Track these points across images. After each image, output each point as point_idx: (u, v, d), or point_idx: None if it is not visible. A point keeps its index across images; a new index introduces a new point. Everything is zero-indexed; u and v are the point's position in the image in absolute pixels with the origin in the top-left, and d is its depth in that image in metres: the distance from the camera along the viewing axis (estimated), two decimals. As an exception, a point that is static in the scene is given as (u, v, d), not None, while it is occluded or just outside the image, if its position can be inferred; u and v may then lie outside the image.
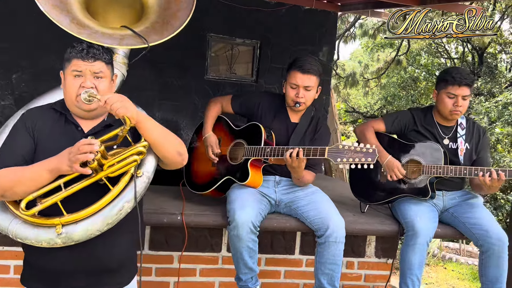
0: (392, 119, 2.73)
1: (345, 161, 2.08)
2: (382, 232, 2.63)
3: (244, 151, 2.43)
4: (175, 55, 4.85)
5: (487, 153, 2.70)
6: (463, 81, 2.51)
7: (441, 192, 2.68)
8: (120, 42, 1.92)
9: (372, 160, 2.04)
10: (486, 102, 11.89)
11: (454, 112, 2.56)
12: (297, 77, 2.40)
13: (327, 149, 2.15)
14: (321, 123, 2.59)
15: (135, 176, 1.63)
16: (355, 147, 2.08)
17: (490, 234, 2.45)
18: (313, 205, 2.43)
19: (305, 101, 2.44)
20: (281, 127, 2.53)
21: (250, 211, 2.26)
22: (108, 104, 1.56)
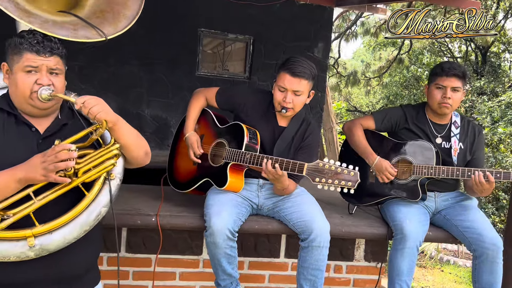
0: (382, 116, 2.59)
1: (323, 181, 1.91)
2: (370, 235, 2.50)
3: (225, 153, 2.28)
4: (165, 50, 4.74)
5: (482, 153, 2.56)
6: (452, 71, 2.37)
7: (433, 194, 2.54)
8: (75, 34, 1.71)
9: (352, 185, 1.88)
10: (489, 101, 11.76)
11: (443, 105, 2.41)
12: (286, 79, 2.19)
13: (306, 166, 1.98)
14: (312, 129, 2.38)
15: (109, 179, 1.58)
16: (336, 168, 1.90)
17: (484, 238, 2.32)
18: (297, 207, 2.30)
19: (293, 106, 2.23)
20: (268, 130, 2.34)
21: (227, 217, 2.13)
22: (86, 108, 1.48)
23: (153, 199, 2.58)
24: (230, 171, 2.24)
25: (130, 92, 4.64)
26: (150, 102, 4.80)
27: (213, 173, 2.31)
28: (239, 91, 2.47)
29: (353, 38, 15.63)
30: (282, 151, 2.33)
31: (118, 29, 1.80)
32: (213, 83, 5.03)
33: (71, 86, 4.36)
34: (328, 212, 2.68)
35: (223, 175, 2.24)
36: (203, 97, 2.48)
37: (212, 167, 2.33)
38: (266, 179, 2.33)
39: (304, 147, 2.35)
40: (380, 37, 16.43)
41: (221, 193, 2.26)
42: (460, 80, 2.40)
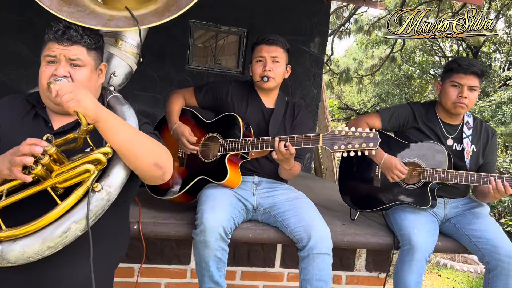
0: (390, 114, 2.38)
1: (343, 147, 1.80)
2: (375, 245, 2.28)
3: (220, 145, 2.09)
4: (153, 42, 4.44)
5: (495, 157, 2.36)
6: (470, 69, 2.18)
7: (443, 200, 2.34)
8: (106, 23, 1.63)
9: (374, 145, 1.77)
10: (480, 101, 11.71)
11: (458, 104, 2.22)
12: (263, 49, 2.18)
13: (321, 136, 1.86)
14: (299, 105, 2.33)
15: (91, 189, 1.32)
16: (354, 132, 1.80)
17: (499, 250, 2.12)
18: (294, 211, 2.08)
19: (274, 75, 2.17)
20: (257, 114, 2.24)
21: (222, 214, 1.92)
22: (59, 96, 1.27)
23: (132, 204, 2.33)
24: (229, 163, 2.06)
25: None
26: (136, 96, 4.53)
27: (208, 168, 2.11)
28: (218, 82, 2.38)
29: (346, 35, 15.48)
30: (277, 131, 2.21)
31: (162, 18, 1.68)
32: (204, 77, 4.79)
33: None
34: (328, 218, 2.46)
35: (221, 168, 2.05)
36: (181, 96, 2.32)
37: (206, 163, 2.14)
38: (262, 176, 2.20)
39: (299, 124, 2.28)
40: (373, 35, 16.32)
41: (216, 189, 2.07)
42: (478, 78, 2.21)
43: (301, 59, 5.15)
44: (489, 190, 2.08)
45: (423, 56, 15.42)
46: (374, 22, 15.41)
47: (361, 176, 2.41)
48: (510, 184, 2.05)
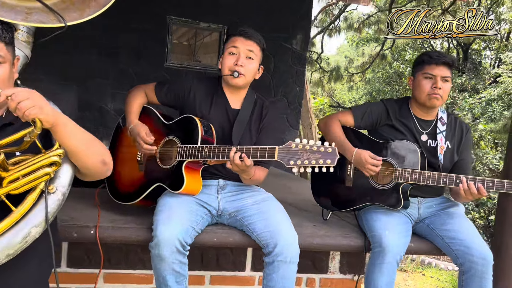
0: (362, 112, 2.30)
1: (299, 163, 1.65)
2: (346, 247, 2.21)
3: (177, 151, 1.97)
4: (130, 39, 4.38)
5: (470, 154, 2.30)
6: (441, 59, 2.13)
7: (416, 199, 2.27)
8: (26, 17, 1.52)
9: (332, 162, 1.63)
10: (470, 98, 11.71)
11: (433, 96, 2.15)
12: (238, 41, 2.02)
13: (277, 150, 1.71)
14: (267, 107, 2.15)
15: (47, 192, 1.31)
16: (311, 146, 1.65)
17: (472, 252, 2.05)
18: (261, 215, 1.99)
19: (245, 72, 2.02)
20: (221, 115, 2.08)
21: (177, 226, 1.81)
22: (14, 102, 1.20)
23: (91, 207, 2.23)
24: (186, 171, 1.93)
25: (91, 84, 4.27)
26: (114, 95, 4.43)
27: (165, 176, 1.99)
28: (182, 80, 2.25)
29: (336, 33, 15.42)
30: (242, 135, 2.07)
31: (83, 15, 1.57)
32: (183, 75, 4.70)
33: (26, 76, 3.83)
34: (299, 219, 2.40)
35: (178, 176, 1.93)
36: (142, 92, 2.17)
37: (163, 169, 2.01)
38: (227, 179, 2.08)
39: (265, 128, 2.12)
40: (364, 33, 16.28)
41: (174, 197, 1.95)
42: (450, 69, 2.15)
43: (284, 56, 5.07)
44: (461, 192, 2.01)
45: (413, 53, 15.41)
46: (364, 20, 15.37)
47: (333, 176, 2.30)
48: (483, 185, 1.98)
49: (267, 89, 5.03)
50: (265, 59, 5.10)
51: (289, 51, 5.07)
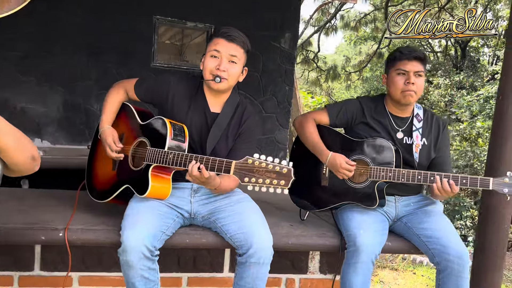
0: (337, 110, 2.28)
1: (253, 181, 1.60)
2: (322, 247, 2.18)
3: (146, 154, 1.92)
4: (115, 39, 4.36)
5: (447, 151, 2.26)
6: (413, 54, 2.10)
7: (393, 198, 2.24)
8: None
9: (285, 184, 1.58)
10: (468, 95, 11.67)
11: (407, 93, 2.12)
12: (221, 44, 1.95)
13: (233, 165, 1.66)
14: (249, 112, 2.09)
15: None
16: (267, 164, 1.60)
17: (448, 250, 2.02)
18: (235, 217, 1.96)
19: (227, 76, 1.95)
20: (199, 118, 2.02)
21: (144, 232, 1.78)
22: None
23: (64, 209, 2.21)
24: (153, 175, 1.89)
25: (77, 85, 4.25)
26: (99, 95, 4.40)
27: (133, 178, 1.96)
28: (161, 78, 2.09)
29: (333, 32, 15.39)
30: (218, 140, 2.02)
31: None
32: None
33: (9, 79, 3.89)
34: (276, 219, 2.38)
35: (144, 180, 1.89)
36: (122, 89, 2.12)
37: (133, 171, 1.98)
38: None
39: (243, 134, 2.06)
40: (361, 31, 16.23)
41: (143, 201, 1.92)
42: (422, 63, 2.13)
43: (272, 55, 5.04)
44: (435, 189, 1.98)
45: (411, 51, 15.37)
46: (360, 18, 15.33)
47: (309, 175, 2.30)
48: (456, 183, 1.95)
49: (256, 88, 5.00)
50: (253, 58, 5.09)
51: (278, 50, 5.04)
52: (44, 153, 3.93)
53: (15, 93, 4.09)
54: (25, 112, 4.13)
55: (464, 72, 12.94)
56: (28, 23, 4.06)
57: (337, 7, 14.11)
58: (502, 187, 1.89)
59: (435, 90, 13.45)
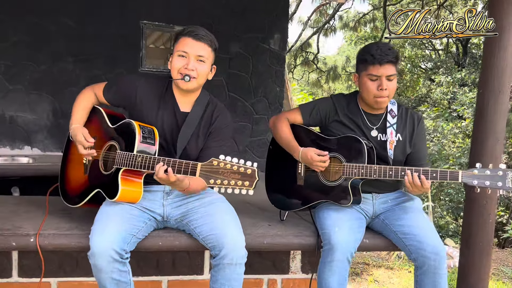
0: (310, 109, 2.26)
1: (219, 183, 1.60)
2: (297, 246, 2.16)
3: (116, 158, 1.92)
4: (103, 45, 4.37)
5: (423, 145, 2.24)
6: (385, 59, 2.06)
7: (371, 195, 2.22)
8: None
9: (250, 184, 1.58)
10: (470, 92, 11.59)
11: (380, 99, 2.10)
12: (188, 43, 1.93)
13: (199, 167, 1.66)
14: (220, 110, 2.08)
15: None
16: (232, 165, 1.60)
17: (424, 246, 2.00)
18: (207, 218, 1.95)
19: (196, 75, 1.94)
20: (170, 118, 2.02)
21: (112, 236, 1.78)
22: None
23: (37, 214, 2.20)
24: (123, 179, 1.89)
25: (66, 92, 4.26)
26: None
27: (104, 182, 1.96)
28: (129, 80, 2.08)
29: (332, 32, 15.38)
30: (189, 140, 2.01)
31: None
32: (159, 80, 4.68)
33: None
34: (256, 220, 2.37)
35: (114, 184, 1.89)
36: (91, 93, 2.12)
37: (103, 175, 1.98)
38: None
39: (215, 132, 2.05)
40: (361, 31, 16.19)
41: (113, 205, 1.92)
42: (395, 65, 2.10)
43: (262, 56, 5.03)
44: (406, 184, 1.96)
45: (412, 50, 15.31)
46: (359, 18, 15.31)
47: (286, 175, 2.29)
48: (426, 176, 1.93)
49: (247, 90, 5.00)
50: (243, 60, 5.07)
51: (267, 51, 5.03)
52: (34, 161, 3.94)
53: (3, 102, 4.11)
54: (14, 120, 4.15)
55: (466, 69, 12.86)
56: (14, 32, 4.09)
57: (335, 8, 14.10)
58: (472, 179, 1.87)
59: (437, 88, 13.37)
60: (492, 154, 2.66)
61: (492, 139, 2.65)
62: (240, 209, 2.57)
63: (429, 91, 14.81)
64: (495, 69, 2.66)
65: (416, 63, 15.74)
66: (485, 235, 2.69)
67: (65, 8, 4.17)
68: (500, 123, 2.66)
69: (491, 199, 2.67)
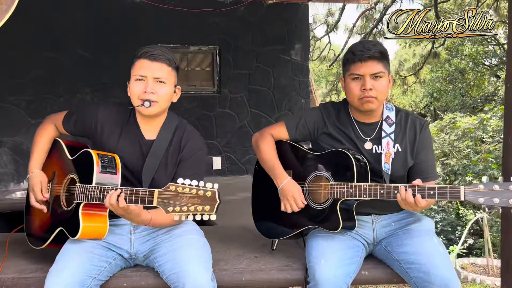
0: (296, 122, 1.99)
1: (177, 210, 1.46)
2: (282, 282, 1.86)
3: (76, 192, 1.78)
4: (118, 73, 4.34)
5: (429, 155, 1.88)
6: (365, 54, 1.77)
7: (370, 217, 1.90)
8: None
9: (211, 209, 1.44)
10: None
11: (365, 100, 1.80)
12: (144, 65, 1.78)
13: (156, 193, 1.53)
14: (189, 135, 1.89)
15: None
16: (191, 189, 1.46)
17: (431, 279, 1.64)
18: (171, 255, 1.74)
19: (157, 98, 1.77)
20: (133, 147, 1.86)
21: (67, 279, 1.62)
22: None
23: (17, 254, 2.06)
24: (84, 214, 1.74)
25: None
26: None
27: (66, 219, 1.81)
28: (89, 108, 1.97)
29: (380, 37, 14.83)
30: (157, 169, 1.84)
31: None
32: (177, 102, 4.57)
33: (19, 123, 3.95)
34: (244, 250, 2.13)
35: (75, 220, 1.74)
36: (51, 124, 2.00)
37: (65, 211, 1.83)
38: None
39: (185, 160, 1.86)
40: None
41: (75, 243, 1.76)
42: (380, 61, 1.79)
43: (284, 69, 4.81)
44: (400, 203, 1.63)
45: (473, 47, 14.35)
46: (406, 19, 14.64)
47: (273, 199, 2.01)
48: (422, 195, 1.59)
49: (270, 105, 4.78)
50: (263, 74, 4.85)
51: (289, 63, 4.80)
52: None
53: (27, 137, 4.19)
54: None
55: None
56: (32, 67, 4.18)
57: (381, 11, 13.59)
58: (477, 196, 1.50)
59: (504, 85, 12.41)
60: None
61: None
62: (234, 236, 2.35)
63: (495, 88, 13.76)
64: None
65: (479, 60, 14.73)
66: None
67: (81, 41, 4.22)
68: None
69: (533, 212, 2.23)
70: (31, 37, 4.14)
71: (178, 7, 4.33)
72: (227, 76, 4.70)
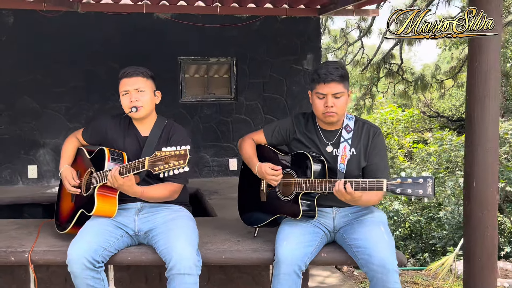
0: (272, 129, 2.39)
1: (162, 168, 1.92)
2: (255, 260, 2.26)
3: (93, 179, 2.30)
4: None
5: (380, 158, 2.22)
6: (328, 77, 2.13)
7: (331, 209, 2.26)
8: None
9: (183, 162, 1.88)
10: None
11: (327, 114, 2.17)
12: (125, 83, 2.32)
13: (147, 160, 1.99)
14: (175, 129, 2.40)
15: None
16: (170, 151, 1.93)
17: (373, 260, 1.99)
18: (165, 234, 2.19)
19: (142, 104, 2.29)
20: (133, 144, 2.38)
21: (83, 246, 2.10)
22: None
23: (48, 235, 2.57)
24: (99, 195, 2.23)
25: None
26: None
27: (85, 202, 2.32)
28: (99, 121, 2.51)
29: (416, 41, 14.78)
30: None
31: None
32: (198, 108, 5.05)
33: (60, 126, 4.72)
34: (231, 235, 2.52)
35: (91, 201, 2.24)
36: (74, 138, 2.56)
37: (84, 197, 2.34)
38: (145, 201, 2.31)
39: (175, 141, 2.33)
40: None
41: (93, 220, 2.26)
42: (341, 82, 2.15)
43: (296, 78, 5.18)
44: (334, 193, 2.01)
45: (516, 49, 14.04)
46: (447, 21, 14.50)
47: (253, 193, 2.41)
48: (357, 187, 1.95)
49: (282, 111, 5.16)
50: (276, 83, 5.23)
51: (301, 72, 5.16)
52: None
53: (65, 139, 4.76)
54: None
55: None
56: (71, 78, 4.77)
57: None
58: (395, 188, 1.86)
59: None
60: (484, 164, 2.52)
61: (482, 149, 2.51)
62: (227, 225, 2.75)
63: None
64: (477, 74, 2.55)
65: (524, 63, 14.35)
66: (485, 248, 2.54)
67: (113, 54, 4.76)
68: (490, 130, 2.52)
69: (488, 210, 2.52)
70: (71, 52, 4.73)
71: (200, 23, 4.80)
72: (243, 85, 5.12)
